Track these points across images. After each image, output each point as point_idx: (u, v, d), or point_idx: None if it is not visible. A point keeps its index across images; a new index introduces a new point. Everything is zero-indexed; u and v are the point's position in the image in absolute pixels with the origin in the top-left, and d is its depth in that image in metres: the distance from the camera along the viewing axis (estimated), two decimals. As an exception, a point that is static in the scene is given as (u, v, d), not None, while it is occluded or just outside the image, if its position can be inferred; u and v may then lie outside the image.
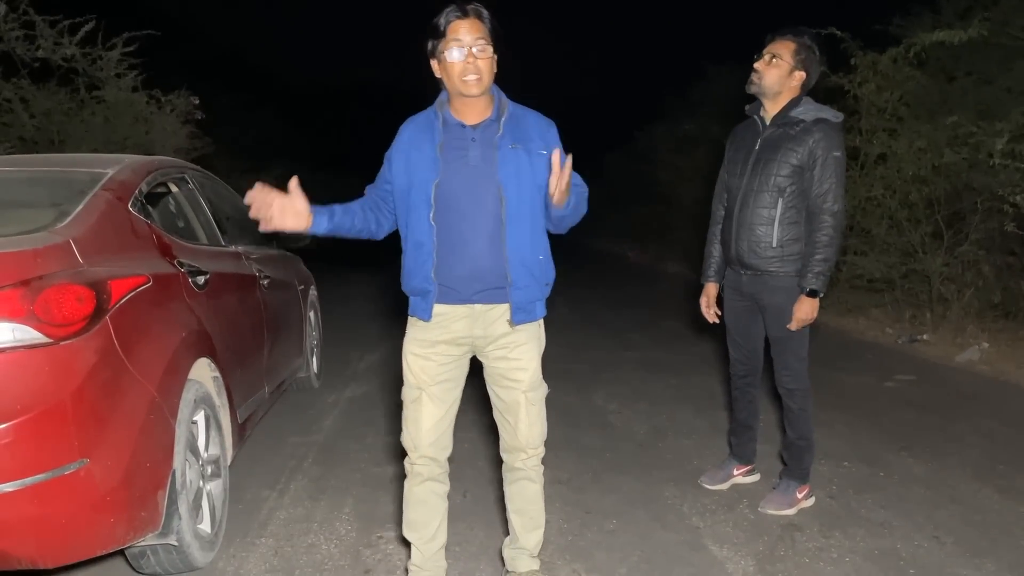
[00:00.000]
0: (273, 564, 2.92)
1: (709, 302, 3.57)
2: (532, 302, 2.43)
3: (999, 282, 7.19)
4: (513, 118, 2.39)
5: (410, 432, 2.55)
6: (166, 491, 2.56)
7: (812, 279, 3.12)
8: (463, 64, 2.24)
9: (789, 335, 3.24)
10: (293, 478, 3.78)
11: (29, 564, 2.25)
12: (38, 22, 7.51)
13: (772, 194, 3.17)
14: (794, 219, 3.17)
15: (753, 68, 3.19)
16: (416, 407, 2.52)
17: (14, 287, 2.18)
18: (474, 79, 2.25)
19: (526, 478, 2.58)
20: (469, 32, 2.24)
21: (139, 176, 3.13)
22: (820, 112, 3.17)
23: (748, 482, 3.66)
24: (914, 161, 7.22)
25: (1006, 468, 3.86)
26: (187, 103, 8.65)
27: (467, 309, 2.40)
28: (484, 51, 2.26)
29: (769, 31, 3.23)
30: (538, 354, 2.50)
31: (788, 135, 3.16)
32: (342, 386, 5.52)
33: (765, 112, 3.27)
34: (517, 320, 2.40)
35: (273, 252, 4.74)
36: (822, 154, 3.09)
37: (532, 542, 2.63)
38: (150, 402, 2.49)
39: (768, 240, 3.19)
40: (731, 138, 3.47)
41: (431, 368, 2.47)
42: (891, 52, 7.52)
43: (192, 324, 2.94)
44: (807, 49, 3.15)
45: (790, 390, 3.34)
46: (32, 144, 7.74)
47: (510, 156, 2.33)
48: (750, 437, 3.66)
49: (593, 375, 5.81)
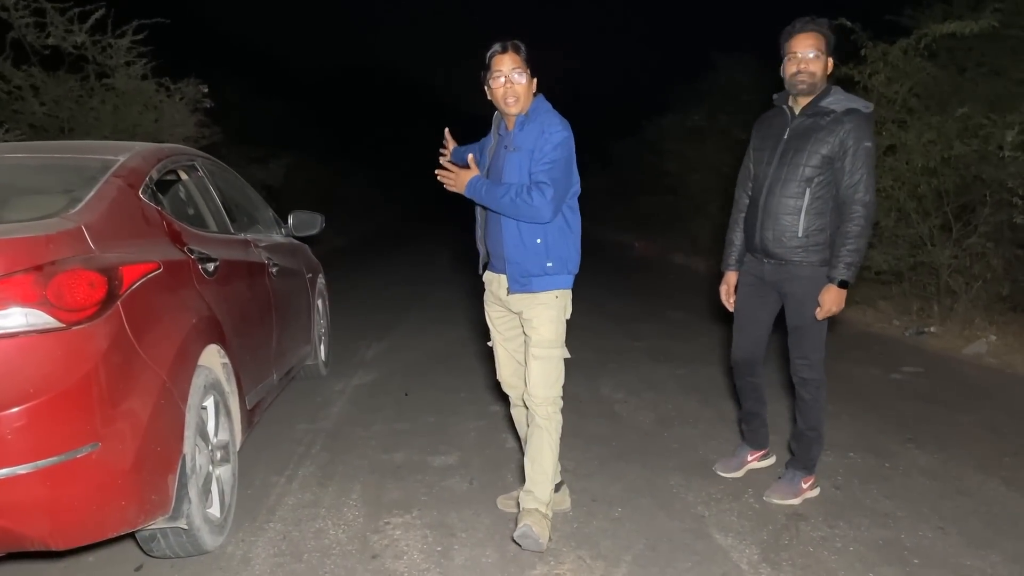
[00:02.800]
0: (281, 548, 2.95)
1: (729, 291, 3.57)
2: (526, 277, 2.92)
3: (1008, 275, 7.16)
4: (525, 127, 2.91)
5: (497, 369, 3.28)
6: (176, 475, 2.59)
7: (843, 269, 3.12)
8: (503, 89, 2.86)
9: (810, 324, 3.24)
10: (301, 464, 3.82)
11: (42, 545, 2.28)
12: (48, 9, 7.52)
13: (800, 184, 3.17)
14: (820, 210, 3.17)
15: (798, 68, 3.15)
16: (496, 351, 3.25)
17: (27, 272, 2.20)
18: (512, 101, 2.87)
19: (537, 425, 2.98)
20: (508, 64, 2.85)
21: (150, 163, 3.15)
22: (851, 102, 3.16)
23: (764, 466, 3.67)
24: (924, 153, 7.18)
25: (1012, 460, 3.86)
26: (196, 91, 8.65)
27: (497, 277, 3.08)
28: (520, 77, 2.85)
29: (786, 23, 3.21)
30: (551, 320, 2.96)
31: (819, 125, 3.16)
32: (350, 373, 5.55)
33: (795, 102, 3.26)
34: (512, 289, 2.96)
35: (282, 240, 4.76)
36: (853, 144, 3.09)
37: (539, 489, 2.95)
38: (160, 387, 2.52)
39: (794, 230, 3.19)
40: (757, 126, 3.45)
41: (495, 322, 3.19)
42: (902, 43, 7.47)
43: (202, 311, 2.96)
44: (830, 38, 3.16)
45: (805, 379, 3.34)
46: (42, 131, 7.77)
47: (511, 157, 2.90)
48: (760, 423, 3.67)
49: (600, 365, 5.82)
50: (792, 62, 3.16)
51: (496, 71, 2.85)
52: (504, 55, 2.85)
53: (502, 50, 2.86)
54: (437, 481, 3.60)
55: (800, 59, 3.14)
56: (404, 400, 4.94)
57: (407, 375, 5.53)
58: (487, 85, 2.91)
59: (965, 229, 7.26)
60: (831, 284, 3.14)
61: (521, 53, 2.86)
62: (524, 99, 2.88)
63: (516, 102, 2.86)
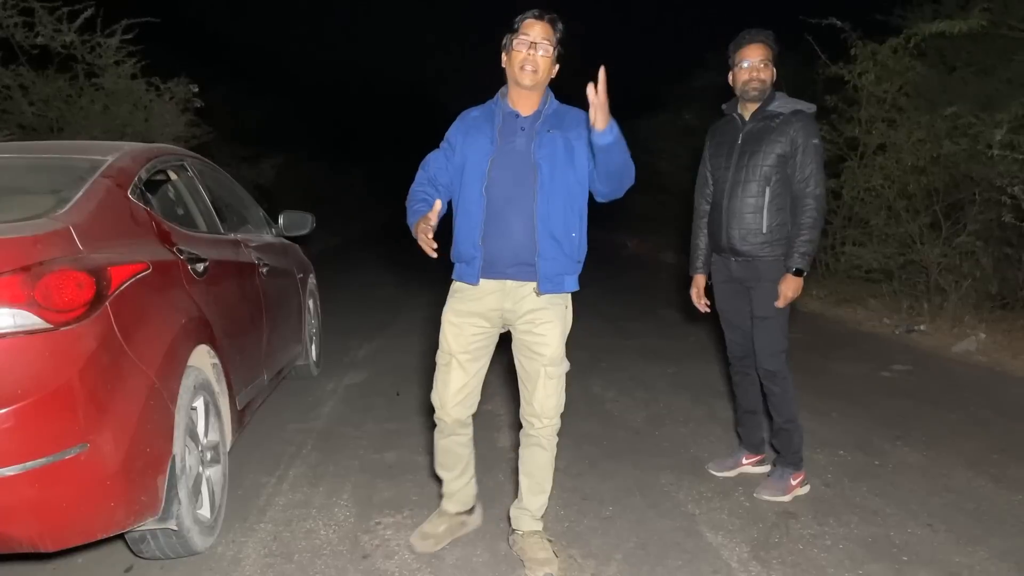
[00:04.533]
0: (272, 549, 2.95)
1: (700, 293, 3.68)
2: (560, 275, 2.66)
3: (997, 273, 7.21)
4: (557, 113, 2.69)
5: (439, 392, 2.82)
6: (166, 476, 2.58)
7: (798, 259, 3.29)
8: (524, 55, 2.58)
9: (774, 314, 3.36)
10: (292, 464, 3.81)
11: (31, 547, 2.27)
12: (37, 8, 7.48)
13: (759, 183, 3.33)
14: (780, 205, 3.33)
15: (750, 76, 3.32)
16: (446, 371, 2.79)
17: (14, 273, 2.19)
18: (530, 70, 2.58)
19: (538, 444, 2.81)
20: (538, 32, 2.58)
21: (138, 163, 3.14)
22: (795, 104, 3.36)
23: (757, 472, 3.68)
24: (913, 151, 7.23)
25: (1000, 457, 3.88)
26: (186, 91, 8.62)
27: (499, 284, 2.68)
28: (547, 51, 2.60)
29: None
30: (562, 333, 2.73)
31: (770, 127, 3.34)
32: (341, 373, 5.55)
33: (744, 108, 3.44)
34: (544, 289, 2.65)
35: (272, 240, 4.75)
36: (803, 142, 3.28)
37: (535, 505, 2.85)
38: (149, 388, 2.51)
39: (758, 227, 3.34)
40: (711, 135, 3.63)
41: (462, 338, 2.75)
42: (891, 42, 7.52)
43: (191, 311, 2.95)
44: (775, 48, 3.33)
45: (772, 372, 3.42)
46: (31, 131, 7.73)
47: (547, 139, 2.62)
48: (756, 423, 3.71)
49: (592, 363, 5.83)
50: (743, 71, 3.34)
51: (524, 35, 2.59)
52: (537, 22, 2.59)
53: (537, 16, 2.60)
54: (428, 481, 3.60)
55: (751, 68, 3.33)
56: (396, 400, 4.94)
57: (398, 375, 5.52)
58: (506, 50, 2.65)
59: (955, 227, 7.31)
60: (788, 273, 3.30)
61: (557, 28, 2.61)
62: (543, 75, 2.61)
63: (534, 73, 2.59)
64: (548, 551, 2.79)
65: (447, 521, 3.00)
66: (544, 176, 2.61)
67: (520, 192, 2.61)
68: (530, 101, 2.69)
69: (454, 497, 3.00)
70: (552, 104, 2.72)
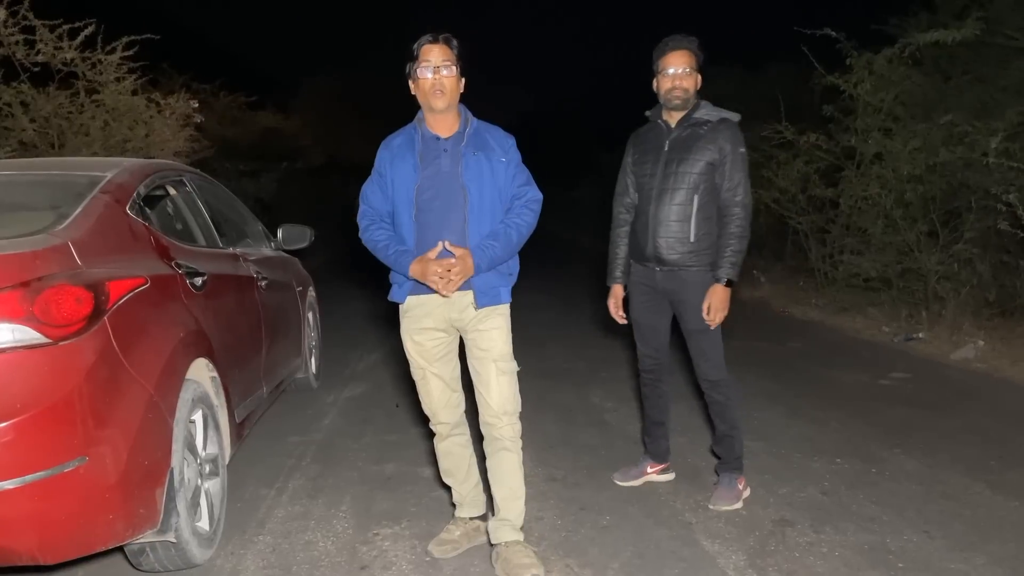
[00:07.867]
0: (271, 561, 2.96)
1: (618, 303, 3.62)
2: (495, 287, 2.79)
3: (994, 280, 7.22)
4: (477, 132, 2.80)
5: (425, 403, 2.98)
6: (164, 489, 2.60)
7: (728, 269, 3.25)
8: (432, 81, 2.67)
9: (706, 326, 3.31)
10: (291, 476, 3.82)
11: (30, 560, 2.29)
12: (38, 26, 7.53)
13: (688, 191, 3.28)
14: (708, 214, 3.29)
15: (672, 84, 3.26)
16: (424, 383, 2.94)
17: (14, 288, 2.22)
18: (440, 92, 2.67)
19: (504, 448, 2.85)
20: (438, 55, 2.68)
21: (137, 179, 3.17)
22: (722, 113, 3.32)
23: (663, 480, 3.69)
24: (910, 160, 7.24)
25: (998, 464, 3.89)
26: (186, 106, 8.68)
27: (461, 295, 2.76)
28: (451, 71, 2.69)
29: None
30: (507, 333, 2.85)
31: (698, 134, 3.29)
32: (341, 386, 5.56)
33: (669, 116, 3.37)
34: (480, 303, 2.76)
35: (271, 254, 4.78)
36: (731, 151, 3.24)
37: (513, 513, 2.87)
38: (148, 401, 2.53)
39: (685, 235, 3.28)
40: (634, 141, 3.55)
41: (426, 351, 2.88)
42: (887, 52, 7.55)
43: (190, 325, 2.98)
44: (700, 56, 3.29)
45: (713, 382, 3.41)
46: (32, 148, 7.77)
47: (472, 161, 2.74)
48: (662, 434, 3.70)
49: (591, 373, 5.84)
50: (666, 79, 3.28)
51: (425, 61, 2.68)
52: (435, 45, 2.69)
53: (433, 39, 2.70)
54: (426, 492, 3.62)
55: (673, 76, 3.26)
56: (395, 412, 4.95)
57: (398, 387, 5.53)
58: (412, 78, 2.74)
59: (952, 235, 7.32)
60: (717, 284, 3.25)
61: (453, 47, 2.71)
62: (451, 94, 2.70)
63: (443, 95, 2.68)
64: (532, 557, 2.80)
65: (461, 527, 3.06)
66: (473, 198, 2.73)
67: (452, 214, 2.72)
68: (447, 123, 2.78)
69: (465, 502, 3.08)
70: (473, 123, 2.82)
